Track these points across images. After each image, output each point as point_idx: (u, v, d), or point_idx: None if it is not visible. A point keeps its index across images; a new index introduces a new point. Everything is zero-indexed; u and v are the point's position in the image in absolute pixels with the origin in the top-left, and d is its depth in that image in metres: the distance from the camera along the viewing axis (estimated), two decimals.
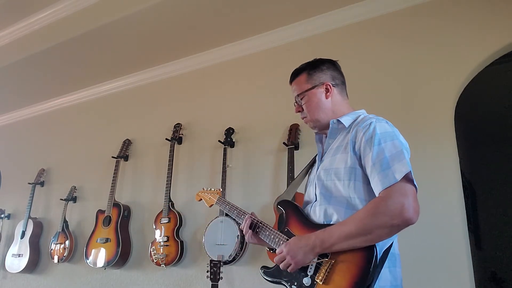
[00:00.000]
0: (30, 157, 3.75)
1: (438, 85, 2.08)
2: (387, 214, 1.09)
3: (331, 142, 1.38)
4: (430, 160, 1.99)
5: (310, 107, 1.40)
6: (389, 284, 1.18)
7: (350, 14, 2.43)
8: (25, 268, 3.15)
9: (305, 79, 1.43)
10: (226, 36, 2.78)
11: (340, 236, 1.13)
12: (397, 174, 1.12)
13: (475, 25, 2.07)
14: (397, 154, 1.16)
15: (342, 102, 1.43)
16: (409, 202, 1.09)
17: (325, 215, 1.26)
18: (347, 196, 1.23)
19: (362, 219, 1.12)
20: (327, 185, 1.28)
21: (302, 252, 1.18)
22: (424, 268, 1.87)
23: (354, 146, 1.25)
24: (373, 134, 1.21)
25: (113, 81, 3.40)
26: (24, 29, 2.93)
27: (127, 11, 2.53)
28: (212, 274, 2.08)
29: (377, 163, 1.16)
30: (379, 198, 1.13)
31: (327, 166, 1.31)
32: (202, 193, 1.76)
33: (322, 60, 1.48)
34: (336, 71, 1.47)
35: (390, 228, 1.10)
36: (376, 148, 1.18)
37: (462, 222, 1.87)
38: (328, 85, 1.40)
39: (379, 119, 1.27)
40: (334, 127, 1.37)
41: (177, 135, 2.83)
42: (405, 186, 1.11)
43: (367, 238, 1.11)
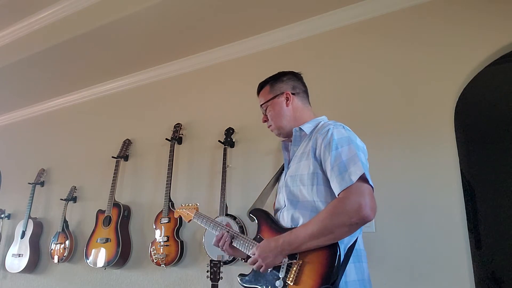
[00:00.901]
0: (30, 157, 3.75)
1: (438, 85, 2.08)
2: (346, 214, 1.17)
3: (295, 149, 1.47)
4: (430, 160, 1.99)
5: (273, 115, 1.52)
6: (356, 278, 1.25)
7: (349, 14, 2.43)
8: (25, 268, 3.15)
9: (268, 90, 1.56)
10: (226, 36, 2.78)
11: (305, 237, 1.21)
12: (353, 176, 1.20)
13: (475, 25, 2.08)
14: (352, 158, 1.24)
15: (303, 109, 1.53)
16: (366, 201, 1.17)
17: (292, 219, 1.35)
18: (311, 200, 1.31)
19: (323, 220, 1.20)
20: (293, 191, 1.37)
21: (272, 254, 1.27)
22: (424, 268, 1.87)
23: (315, 152, 1.34)
24: (330, 140, 1.30)
25: (113, 81, 3.40)
26: (24, 29, 2.93)
27: (127, 11, 2.53)
28: (212, 274, 2.08)
29: (335, 167, 1.25)
30: (337, 199, 1.22)
31: (293, 173, 1.40)
32: (181, 209, 1.83)
33: (284, 72, 1.59)
34: (297, 81, 1.58)
35: (349, 226, 1.18)
36: (333, 153, 1.27)
37: (462, 222, 1.87)
38: (288, 93, 1.52)
39: (336, 125, 1.36)
40: (297, 134, 1.46)
41: (177, 135, 2.83)
42: (361, 187, 1.20)
43: (330, 237, 1.19)
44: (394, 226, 2.00)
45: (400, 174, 2.05)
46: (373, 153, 2.15)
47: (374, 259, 2.01)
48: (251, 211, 1.51)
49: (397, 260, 1.95)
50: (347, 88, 2.35)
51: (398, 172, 2.06)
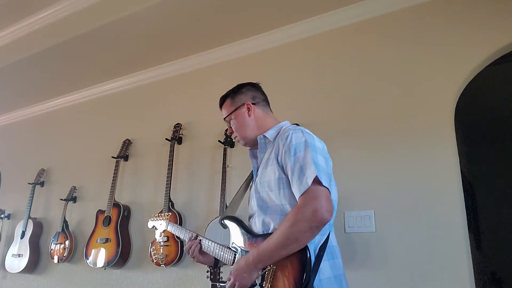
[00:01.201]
0: (30, 157, 3.74)
1: (438, 85, 2.08)
2: (304, 220, 1.21)
3: (262, 156, 1.52)
4: (430, 160, 1.99)
5: (237, 126, 1.57)
6: (331, 275, 1.28)
7: (349, 14, 2.43)
8: (25, 268, 3.15)
9: (229, 103, 1.60)
10: (226, 36, 2.78)
11: (272, 250, 1.25)
12: (309, 180, 1.24)
13: (475, 25, 2.07)
14: (307, 161, 1.29)
15: (265, 117, 1.58)
16: (321, 204, 1.21)
17: (263, 224, 1.39)
18: (280, 204, 1.35)
19: (285, 230, 1.23)
20: (263, 197, 1.41)
21: (246, 274, 1.29)
22: (424, 268, 1.87)
23: (277, 157, 1.39)
24: (290, 145, 1.35)
25: (113, 81, 3.40)
26: (24, 29, 2.93)
27: (127, 11, 2.53)
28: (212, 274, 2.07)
29: (294, 172, 1.30)
30: (295, 208, 1.26)
31: (261, 179, 1.44)
32: (153, 220, 1.90)
33: (243, 84, 1.65)
34: (256, 91, 1.63)
35: (311, 231, 1.21)
36: (292, 158, 1.32)
37: (462, 222, 1.87)
38: (248, 104, 1.57)
39: (295, 130, 1.40)
40: (262, 142, 1.52)
41: (177, 135, 2.83)
42: (316, 190, 1.24)
43: (296, 245, 1.22)
44: (394, 226, 2.00)
45: (400, 174, 2.05)
46: (373, 153, 2.16)
47: (374, 259, 2.01)
48: (222, 219, 1.54)
49: (397, 260, 1.95)
50: (347, 88, 2.35)
51: (398, 172, 2.06)
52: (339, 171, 2.22)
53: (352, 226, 2.09)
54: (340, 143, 2.23)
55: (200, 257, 1.58)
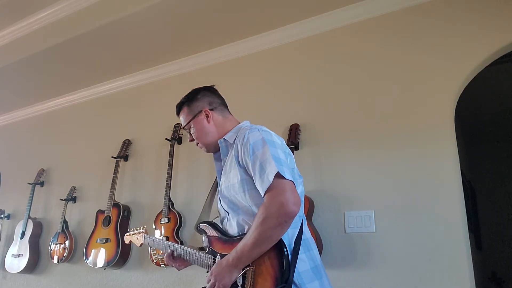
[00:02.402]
0: (30, 157, 3.74)
1: (438, 85, 2.08)
2: (272, 217, 1.21)
3: (225, 159, 1.52)
4: (430, 160, 1.99)
5: (198, 134, 1.55)
6: (308, 267, 1.29)
7: (349, 14, 2.43)
8: (25, 268, 3.15)
9: (186, 111, 1.58)
10: (225, 36, 2.78)
11: (249, 249, 1.25)
12: (270, 176, 1.25)
13: (475, 25, 2.07)
14: (266, 158, 1.29)
15: (223, 121, 1.58)
16: (286, 198, 1.22)
17: (238, 226, 1.39)
18: (248, 205, 1.36)
19: (256, 229, 1.24)
20: (232, 200, 1.42)
21: (227, 274, 1.29)
22: (424, 268, 1.87)
23: (238, 160, 1.39)
24: (248, 146, 1.35)
25: (113, 81, 3.40)
26: (24, 29, 2.93)
27: (127, 11, 2.53)
28: None
29: (256, 171, 1.30)
30: (262, 205, 1.26)
31: (227, 183, 1.44)
32: (129, 235, 1.89)
33: (197, 90, 1.63)
34: (212, 95, 1.62)
35: (280, 225, 1.21)
36: (252, 158, 1.33)
37: (462, 222, 1.87)
38: (206, 110, 1.56)
39: (251, 129, 1.41)
40: (223, 145, 1.52)
41: (177, 135, 2.83)
42: (279, 184, 1.24)
43: (269, 241, 1.23)
44: (394, 226, 2.00)
45: (400, 174, 2.05)
46: (373, 153, 2.16)
47: (374, 259, 2.01)
48: (198, 224, 1.54)
49: (397, 260, 1.95)
50: (347, 88, 2.35)
51: (398, 172, 2.06)
52: (339, 171, 2.23)
53: (352, 226, 2.09)
54: (340, 143, 2.23)
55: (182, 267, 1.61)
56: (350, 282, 2.02)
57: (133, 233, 1.88)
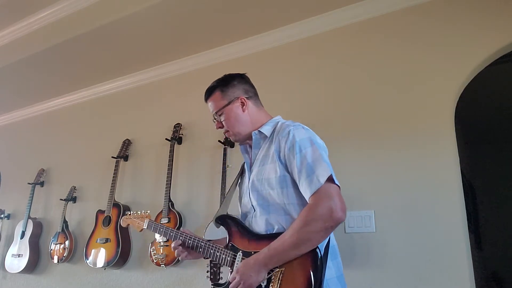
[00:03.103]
0: (30, 157, 3.74)
1: (438, 85, 2.08)
2: (319, 219, 1.18)
3: (256, 152, 1.46)
4: (430, 160, 1.99)
5: (229, 122, 1.48)
6: (334, 275, 1.25)
7: (349, 14, 2.43)
8: (25, 268, 3.15)
9: (219, 96, 1.50)
10: (226, 36, 2.78)
11: (284, 249, 1.21)
12: (321, 178, 1.20)
13: (475, 25, 2.07)
14: (317, 159, 1.25)
15: (258, 112, 1.51)
16: (336, 203, 1.18)
17: (267, 224, 1.33)
18: (282, 204, 1.31)
19: (299, 229, 1.19)
20: (263, 195, 1.35)
21: (254, 273, 1.23)
22: (424, 268, 1.87)
23: (279, 155, 1.33)
24: (293, 142, 1.30)
25: (113, 81, 3.40)
26: (24, 29, 2.93)
27: (127, 11, 2.53)
28: (212, 274, 2.08)
29: (302, 170, 1.25)
30: (308, 207, 1.22)
31: (259, 176, 1.38)
32: (128, 218, 1.72)
33: (232, 76, 1.55)
34: (247, 84, 1.55)
35: (325, 230, 1.19)
36: (298, 156, 1.27)
37: (462, 222, 1.87)
38: (242, 99, 1.49)
39: (295, 126, 1.36)
40: (257, 137, 1.45)
41: (177, 135, 2.83)
42: (329, 188, 1.20)
43: (309, 244, 1.19)
44: (394, 226, 2.00)
45: (400, 174, 2.05)
46: (373, 153, 2.16)
47: (374, 259, 2.01)
48: (216, 218, 1.48)
49: (397, 260, 1.95)
50: (347, 88, 2.35)
51: (398, 172, 2.06)
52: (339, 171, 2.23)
53: (352, 226, 2.09)
54: (340, 143, 2.23)
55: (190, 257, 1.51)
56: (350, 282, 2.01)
57: (133, 216, 1.70)
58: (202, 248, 1.43)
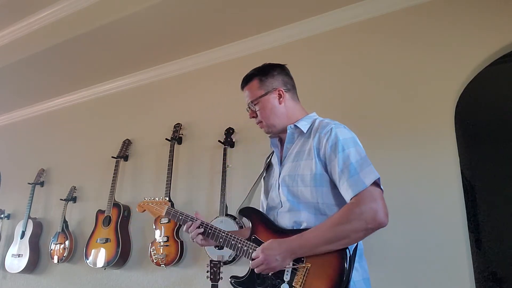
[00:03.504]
0: (30, 157, 3.74)
1: (438, 85, 2.08)
2: (362, 219, 1.15)
3: (289, 146, 1.41)
4: (430, 160, 1.99)
5: (264, 113, 1.43)
6: (360, 278, 1.23)
7: (349, 14, 2.43)
8: (25, 268, 3.15)
9: (257, 85, 1.45)
10: (226, 36, 2.78)
11: (317, 241, 1.18)
12: (367, 180, 1.18)
13: (475, 25, 2.07)
14: (363, 160, 1.22)
15: (295, 106, 1.47)
16: (380, 207, 1.16)
17: (295, 221, 1.30)
18: (315, 202, 1.27)
19: (339, 225, 1.16)
20: (294, 191, 1.31)
21: (280, 258, 1.20)
22: (424, 268, 1.87)
23: (319, 152, 1.29)
24: (336, 141, 1.26)
25: (113, 81, 3.40)
26: (24, 29, 2.93)
27: (127, 11, 2.53)
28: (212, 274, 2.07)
29: (344, 170, 1.21)
30: (352, 204, 1.18)
31: (291, 172, 1.34)
32: (146, 204, 1.68)
33: (272, 65, 1.50)
34: (287, 76, 1.49)
35: (365, 231, 1.16)
36: (341, 155, 1.23)
37: (462, 222, 1.87)
38: (280, 90, 1.43)
39: (337, 124, 1.33)
40: (291, 132, 1.41)
41: (177, 135, 2.83)
42: (374, 191, 1.18)
43: (344, 242, 1.16)
44: (394, 226, 1.99)
45: (400, 174, 2.05)
46: (373, 153, 2.15)
47: (374, 259, 2.00)
48: (240, 210, 1.44)
49: (397, 260, 1.95)
50: (347, 88, 2.35)
51: (398, 172, 2.06)
52: None
53: None
54: None
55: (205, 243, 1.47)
56: None
57: (151, 202, 1.67)
58: (222, 239, 1.39)
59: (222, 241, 1.39)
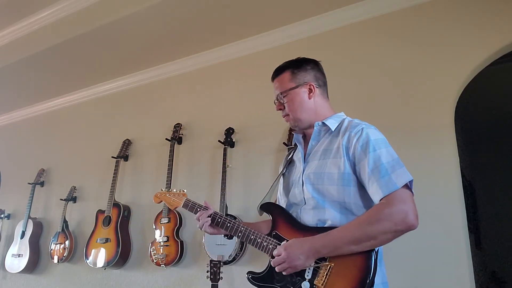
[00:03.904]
0: (30, 157, 3.74)
1: (438, 85, 2.08)
2: (391, 220, 1.12)
3: (314, 144, 1.39)
4: (430, 160, 1.99)
5: (292, 106, 1.40)
6: (380, 281, 1.21)
7: (349, 14, 2.43)
8: (25, 268, 3.15)
9: (289, 77, 1.43)
10: (226, 36, 2.78)
11: (344, 241, 1.15)
12: (399, 181, 1.15)
13: (475, 25, 2.07)
14: (395, 162, 1.20)
15: (324, 103, 1.44)
16: (411, 209, 1.13)
17: (319, 219, 1.27)
18: (341, 201, 1.25)
19: (367, 225, 1.14)
20: (319, 189, 1.29)
21: (304, 256, 1.18)
22: (424, 268, 1.87)
23: (348, 152, 1.27)
24: (367, 141, 1.23)
25: (113, 81, 3.40)
26: (24, 29, 2.93)
27: (127, 11, 2.53)
28: (212, 274, 2.08)
29: (375, 170, 1.19)
30: (382, 205, 1.15)
31: (317, 170, 1.31)
32: (163, 194, 1.67)
33: (306, 60, 1.48)
34: (319, 72, 1.48)
35: (394, 233, 1.13)
36: (372, 155, 1.21)
37: (462, 222, 1.87)
38: (311, 85, 1.41)
39: (368, 125, 1.31)
40: (318, 129, 1.38)
41: (177, 135, 2.83)
42: (404, 193, 1.15)
43: (371, 243, 1.14)
44: None
45: None
46: None
47: None
48: (261, 205, 1.41)
49: (397, 260, 1.95)
50: (347, 87, 2.35)
51: None
52: None
53: None
54: None
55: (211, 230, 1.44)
56: None
57: (168, 193, 1.67)
58: (241, 233, 1.36)
59: (241, 235, 1.36)
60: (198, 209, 1.51)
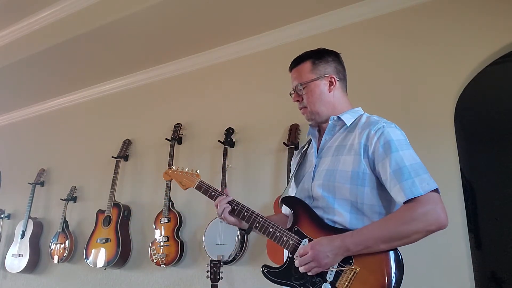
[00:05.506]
0: (30, 157, 3.75)
1: (438, 85, 2.08)
2: (425, 220, 1.11)
3: (328, 139, 1.34)
4: (430, 160, 1.99)
5: (311, 98, 1.34)
6: None
7: (350, 14, 2.43)
8: (25, 268, 3.15)
9: (309, 68, 1.36)
10: (226, 36, 2.78)
11: (376, 240, 1.12)
12: (423, 188, 1.13)
13: (475, 25, 2.07)
14: (418, 166, 1.18)
15: (343, 97, 1.39)
16: (443, 209, 1.14)
17: (327, 218, 1.23)
18: (353, 200, 1.21)
19: (401, 225, 1.12)
20: (330, 186, 1.24)
21: (332, 254, 1.13)
22: (424, 268, 1.87)
23: (367, 149, 1.22)
24: (388, 140, 1.19)
25: (113, 81, 3.40)
26: (24, 29, 2.93)
27: (127, 11, 2.53)
28: (212, 274, 2.08)
29: (398, 171, 1.15)
30: (414, 205, 1.13)
31: (330, 167, 1.26)
32: (174, 172, 1.55)
33: (328, 51, 1.41)
34: (340, 64, 1.42)
35: (425, 233, 1.12)
36: (394, 155, 1.17)
37: (462, 222, 1.87)
38: (333, 77, 1.35)
39: (389, 123, 1.26)
40: (333, 123, 1.34)
41: (177, 135, 2.83)
42: (434, 194, 1.15)
43: (403, 242, 1.13)
44: None
45: None
46: None
47: None
48: (282, 198, 1.33)
49: None
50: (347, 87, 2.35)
51: None
52: None
53: None
54: None
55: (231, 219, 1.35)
56: None
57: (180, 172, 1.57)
58: (259, 224, 1.29)
59: (260, 226, 1.29)
60: (213, 193, 1.44)
